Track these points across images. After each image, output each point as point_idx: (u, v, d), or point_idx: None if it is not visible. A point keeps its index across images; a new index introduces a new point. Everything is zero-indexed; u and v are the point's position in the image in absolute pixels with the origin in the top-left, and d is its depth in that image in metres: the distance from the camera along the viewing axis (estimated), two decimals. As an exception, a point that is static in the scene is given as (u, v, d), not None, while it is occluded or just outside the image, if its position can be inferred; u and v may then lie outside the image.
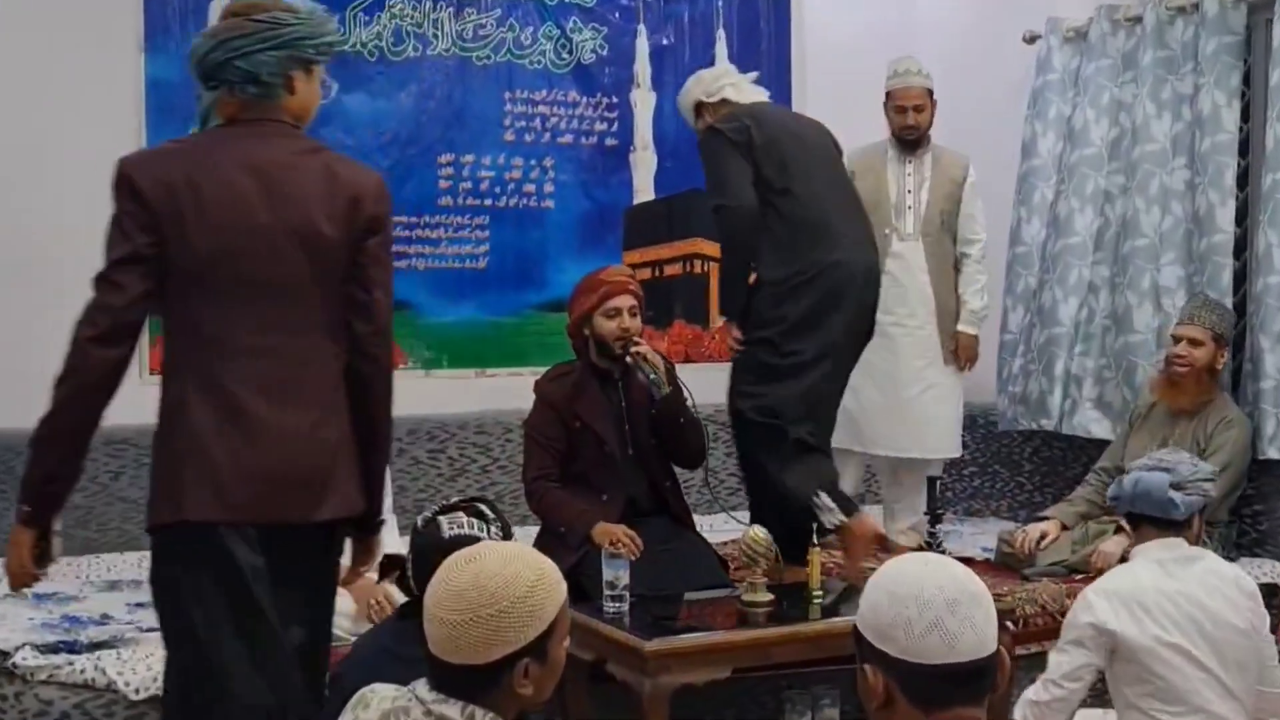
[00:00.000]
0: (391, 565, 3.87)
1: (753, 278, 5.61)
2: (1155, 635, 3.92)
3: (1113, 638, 3.96)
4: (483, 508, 3.67)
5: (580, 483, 5.41)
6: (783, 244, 5.57)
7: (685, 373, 5.71)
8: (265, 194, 3.38)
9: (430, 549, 3.52)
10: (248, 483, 3.34)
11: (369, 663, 3.49)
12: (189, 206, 3.33)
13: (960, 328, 6.74)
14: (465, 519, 3.61)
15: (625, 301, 5.39)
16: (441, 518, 3.63)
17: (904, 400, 6.61)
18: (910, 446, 6.66)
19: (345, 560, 3.74)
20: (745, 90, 5.94)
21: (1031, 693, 4.06)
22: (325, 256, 3.42)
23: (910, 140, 6.66)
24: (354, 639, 4.35)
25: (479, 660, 2.54)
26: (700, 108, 5.90)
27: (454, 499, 3.74)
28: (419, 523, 3.68)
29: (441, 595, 2.58)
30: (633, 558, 4.92)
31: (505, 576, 2.55)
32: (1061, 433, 7.09)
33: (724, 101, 5.84)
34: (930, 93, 6.64)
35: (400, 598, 4.51)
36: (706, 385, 5.87)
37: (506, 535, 3.62)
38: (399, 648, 3.45)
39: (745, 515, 5.71)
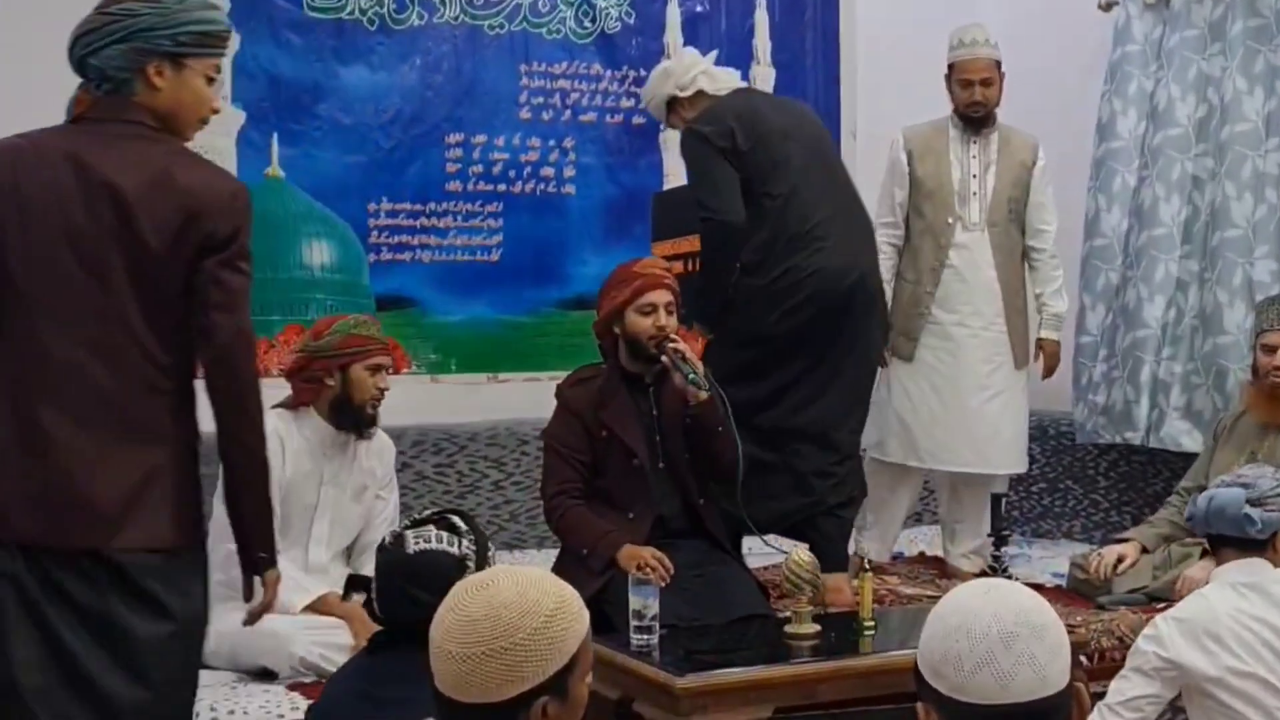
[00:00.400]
0: (356, 585, 3.86)
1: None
2: (1228, 666, 3.88)
3: (1182, 671, 3.95)
4: (455, 520, 3.61)
5: (605, 499, 5.32)
6: (765, 247, 5.67)
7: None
8: (86, 197, 3.37)
9: (393, 567, 3.49)
10: (32, 503, 3.36)
11: (341, 706, 3.48)
12: (10, 207, 3.37)
13: (1044, 334, 6.66)
14: (435, 532, 3.57)
15: (661, 297, 5.29)
16: (409, 533, 3.61)
17: (967, 409, 6.45)
18: (973, 460, 6.48)
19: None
20: (719, 78, 5.96)
21: None
22: (150, 270, 3.39)
23: (976, 118, 6.49)
24: None
25: (493, 699, 2.44)
26: (673, 103, 5.94)
27: (426, 513, 3.73)
28: (386, 539, 3.59)
29: (450, 626, 2.48)
30: (662, 584, 4.81)
31: (522, 605, 2.46)
32: (1146, 445, 6.99)
33: (700, 94, 5.88)
34: (999, 65, 6.46)
35: None
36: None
37: (481, 550, 3.58)
38: (373, 688, 3.40)
39: (788, 543, 5.68)
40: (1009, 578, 5.17)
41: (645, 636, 4.53)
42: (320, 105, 6.93)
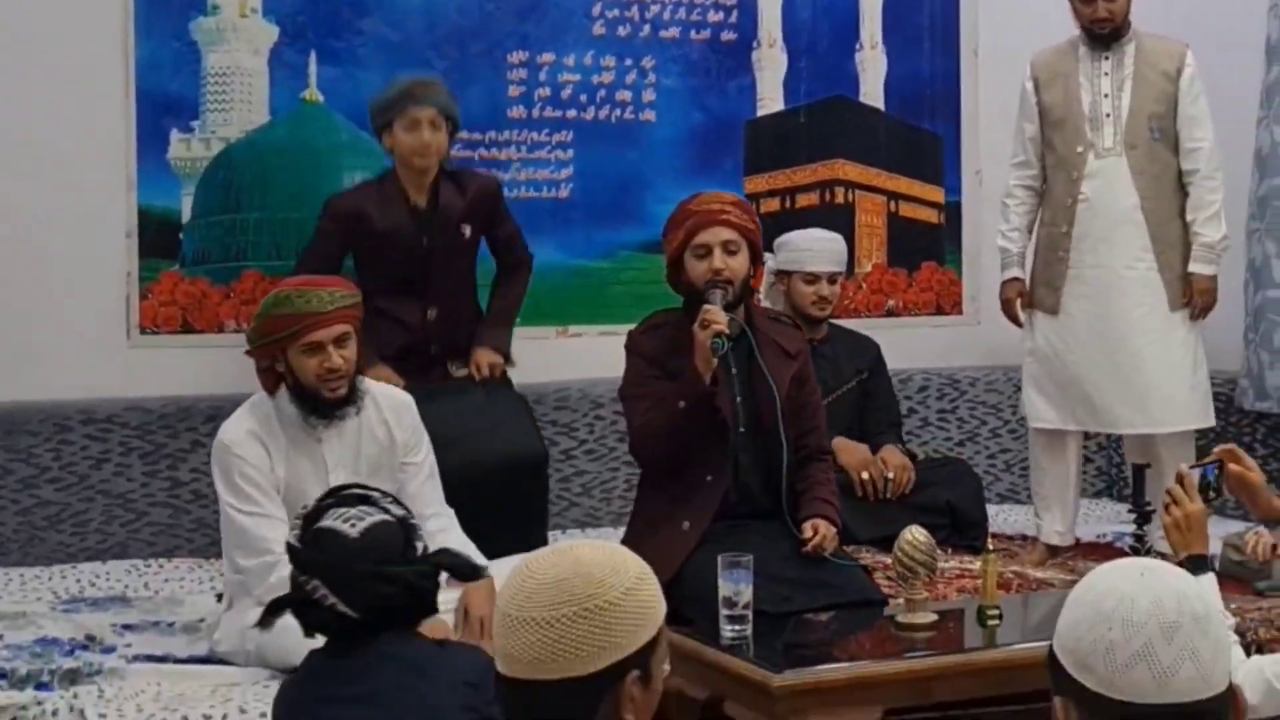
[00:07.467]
0: (273, 610, 3.75)
1: None
2: None
3: None
4: (357, 491, 3.60)
5: (683, 458, 5.27)
6: None
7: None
8: None
9: (348, 558, 3.47)
10: None
11: (302, 712, 3.50)
12: None
13: (1193, 267, 6.40)
14: (354, 510, 3.53)
15: (717, 235, 5.24)
16: (332, 519, 3.53)
17: (1120, 362, 6.42)
18: (1134, 420, 6.47)
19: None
20: None
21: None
22: None
23: (1103, 35, 6.43)
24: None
25: (583, 669, 2.48)
26: None
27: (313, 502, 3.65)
28: (296, 543, 3.57)
29: (532, 591, 2.52)
30: (728, 331, 5.07)
31: (611, 564, 2.54)
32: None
33: None
34: None
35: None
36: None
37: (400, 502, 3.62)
38: (336, 689, 3.47)
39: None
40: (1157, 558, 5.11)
41: (738, 627, 4.49)
42: (364, 20, 6.82)
